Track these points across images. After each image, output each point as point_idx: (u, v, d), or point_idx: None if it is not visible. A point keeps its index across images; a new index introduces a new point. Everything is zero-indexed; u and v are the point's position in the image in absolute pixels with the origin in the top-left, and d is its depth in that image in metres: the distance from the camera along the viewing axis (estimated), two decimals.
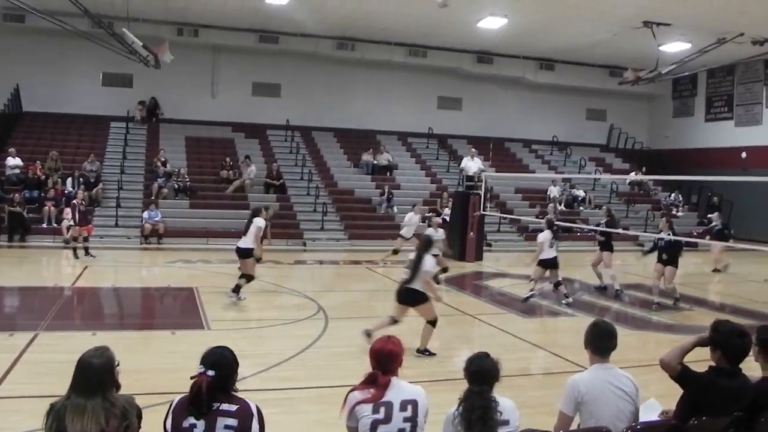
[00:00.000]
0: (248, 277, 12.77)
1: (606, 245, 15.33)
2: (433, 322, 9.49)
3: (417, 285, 9.34)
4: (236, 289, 12.53)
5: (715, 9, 20.10)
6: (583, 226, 21.46)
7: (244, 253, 12.88)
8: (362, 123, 29.80)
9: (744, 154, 28.33)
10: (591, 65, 30.65)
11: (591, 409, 4.42)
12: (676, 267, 13.75)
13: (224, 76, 28.65)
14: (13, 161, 22.22)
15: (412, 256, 9.75)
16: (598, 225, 15.95)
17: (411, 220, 18.40)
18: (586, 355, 4.71)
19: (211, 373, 3.71)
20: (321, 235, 22.47)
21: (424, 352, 9.33)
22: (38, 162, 22.37)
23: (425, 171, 28.43)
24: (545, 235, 13.68)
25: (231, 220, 21.94)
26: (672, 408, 4.65)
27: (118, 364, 3.75)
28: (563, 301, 13.56)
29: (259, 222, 12.98)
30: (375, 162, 27.33)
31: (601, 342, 4.64)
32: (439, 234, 15.18)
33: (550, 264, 13.62)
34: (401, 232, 18.56)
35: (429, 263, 9.46)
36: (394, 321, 9.43)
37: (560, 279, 13.75)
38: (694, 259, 17.28)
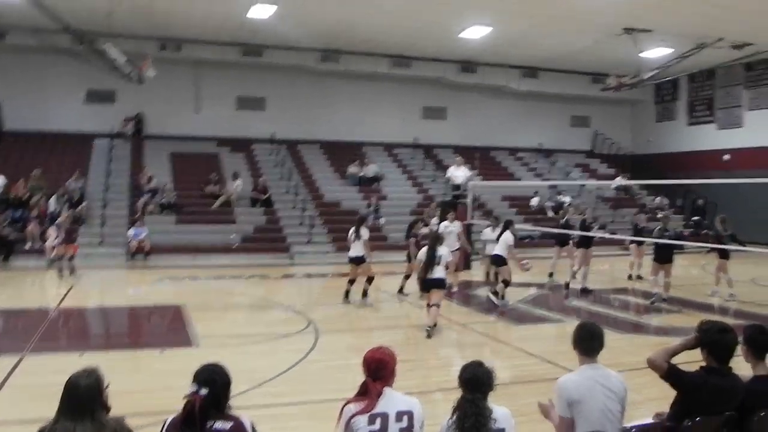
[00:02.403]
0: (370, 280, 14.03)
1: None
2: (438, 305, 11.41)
3: (438, 274, 11.30)
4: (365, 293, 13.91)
5: (695, 15, 20.29)
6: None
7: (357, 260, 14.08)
8: (348, 135, 29.80)
9: (726, 157, 28.57)
10: (574, 72, 30.84)
11: (580, 408, 4.42)
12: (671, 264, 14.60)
13: (208, 91, 28.58)
14: None
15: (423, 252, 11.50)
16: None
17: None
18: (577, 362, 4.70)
19: (203, 392, 3.65)
20: (308, 249, 22.38)
21: (433, 327, 11.17)
22: (21, 180, 22.19)
23: (412, 181, 28.42)
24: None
25: (218, 236, 21.91)
26: (666, 410, 4.66)
27: (107, 386, 3.68)
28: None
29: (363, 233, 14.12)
30: (361, 173, 27.30)
31: (588, 343, 4.65)
32: (454, 227, 15.42)
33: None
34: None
35: (444, 251, 11.46)
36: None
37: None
38: (681, 261, 17.36)
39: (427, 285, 11.59)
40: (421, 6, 20.90)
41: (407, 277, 15.04)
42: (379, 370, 4.29)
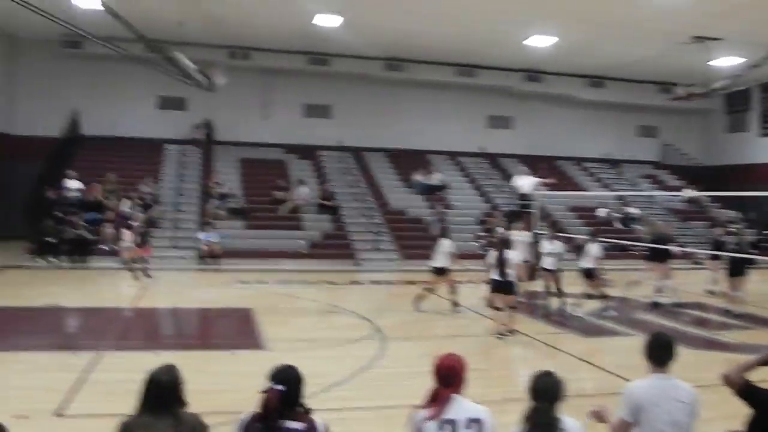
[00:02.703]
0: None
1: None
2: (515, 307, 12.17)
3: (506, 276, 11.86)
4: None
5: (766, 22, 19.78)
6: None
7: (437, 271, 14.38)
8: (413, 143, 29.89)
9: None
10: (641, 82, 30.44)
11: (645, 416, 4.43)
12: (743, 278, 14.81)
13: (276, 98, 29.03)
14: (72, 184, 22.82)
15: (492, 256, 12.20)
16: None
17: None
18: (646, 373, 4.69)
19: (280, 387, 3.78)
20: (375, 256, 22.54)
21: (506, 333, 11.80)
22: (97, 184, 22.93)
23: (477, 190, 28.37)
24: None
25: (286, 241, 22.25)
26: (738, 429, 4.59)
27: (183, 383, 3.84)
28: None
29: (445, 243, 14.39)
30: (427, 182, 27.38)
31: (659, 352, 4.64)
32: (522, 236, 15.50)
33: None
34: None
35: (512, 254, 12.19)
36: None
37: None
38: (754, 276, 16.93)
39: (495, 286, 12.15)
40: (486, 15, 20.91)
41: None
42: (449, 376, 4.29)
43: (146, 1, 19.92)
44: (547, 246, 15.15)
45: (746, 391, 4.44)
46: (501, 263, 12.03)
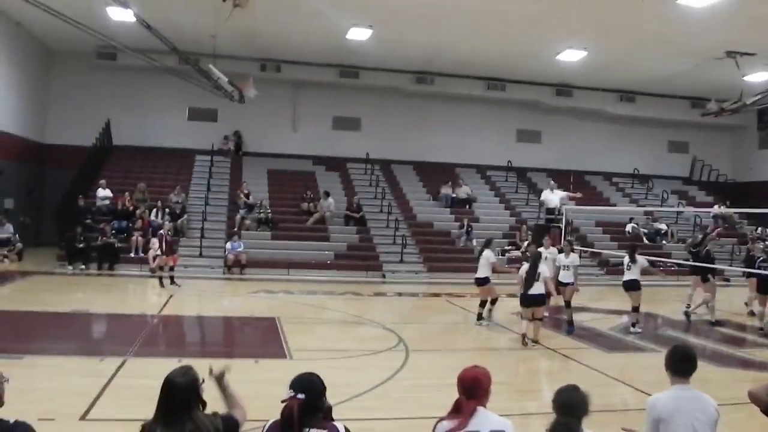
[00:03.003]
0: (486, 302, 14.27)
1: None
2: (541, 319, 12.61)
3: (538, 290, 12.33)
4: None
5: None
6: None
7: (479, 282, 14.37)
8: (441, 156, 29.90)
9: None
10: (672, 96, 30.21)
11: (666, 427, 4.42)
12: None
13: (305, 110, 29.24)
14: (103, 192, 23.12)
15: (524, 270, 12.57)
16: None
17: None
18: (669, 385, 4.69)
19: (301, 396, 3.78)
20: (400, 267, 22.55)
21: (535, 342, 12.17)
22: (127, 193, 23.20)
23: (504, 204, 28.29)
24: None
25: (312, 252, 22.38)
26: None
27: (203, 381, 3.85)
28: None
29: (487, 255, 14.34)
30: (454, 195, 27.35)
31: (680, 364, 4.65)
32: (549, 253, 15.35)
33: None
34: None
35: (544, 268, 12.61)
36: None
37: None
38: None
39: (528, 301, 12.42)
40: (516, 29, 20.92)
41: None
42: (473, 388, 4.25)
43: (179, 14, 20.19)
44: (563, 260, 15.00)
45: None
46: (532, 277, 12.36)
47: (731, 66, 22.16)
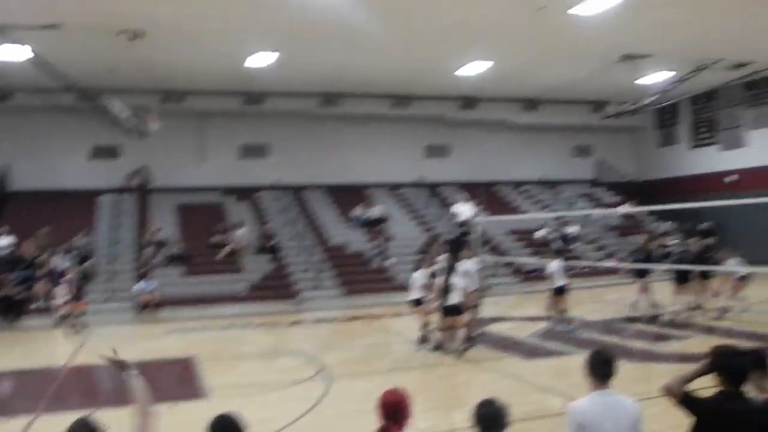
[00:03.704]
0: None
1: None
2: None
3: (454, 300, 12.63)
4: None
5: (693, 37, 20.30)
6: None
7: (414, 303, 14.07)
8: (353, 177, 29.81)
9: (731, 178, 28.40)
10: (574, 102, 30.90)
11: None
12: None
13: (212, 141, 28.73)
14: (4, 241, 22.14)
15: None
16: None
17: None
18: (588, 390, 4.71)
19: None
20: (317, 294, 22.30)
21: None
22: (29, 240, 22.26)
23: (417, 220, 28.39)
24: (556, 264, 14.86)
25: (226, 285, 21.92)
26: None
27: (108, 428, 3.65)
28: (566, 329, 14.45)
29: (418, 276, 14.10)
30: (366, 215, 27.31)
31: (600, 369, 4.68)
32: (470, 265, 14.70)
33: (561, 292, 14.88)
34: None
35: (457, 279, 12.82)
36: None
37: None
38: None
39: (445, 311, 12.71)
40: (419, 45, 21.02)
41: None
42: (395, 412, 4.28)
43: (75, 49, 19.49)
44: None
45: (687, 401, 4.45)
46: (447, 288, 12.70)
47: (628, 69, 22.82)
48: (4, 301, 19.70)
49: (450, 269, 12.99)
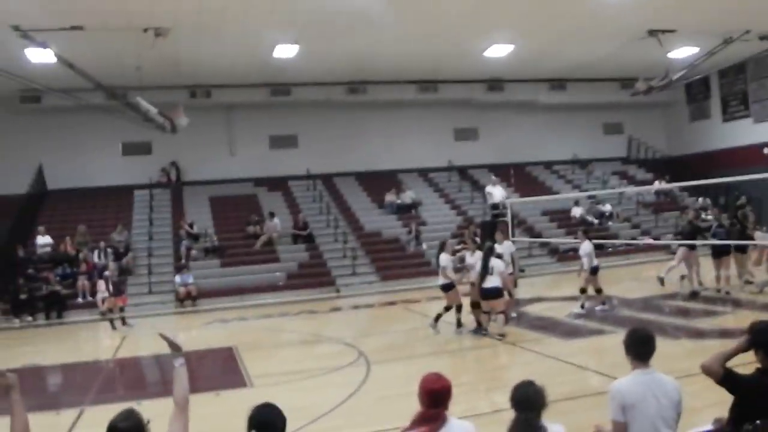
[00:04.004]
0: (452, 308, 13.57)
1: None
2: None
3: (493, 283, 12.47)
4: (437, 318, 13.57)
5: (718, 10, 20.07)
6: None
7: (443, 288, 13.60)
8: (382, 164, 29.89)
9: (766, 150, 28.00)
10: (602, 80, 30.61)
11: (633, 413, 4.43)
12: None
13: (241, 133, 28.95)
14: (43, 239, 22.57)
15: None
16: None
17: None
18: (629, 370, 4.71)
19: None
20: (353, 280, 22.47)
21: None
22: (68, 238, 22.68)
23: (449, 204, 28.41)
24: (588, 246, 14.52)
25: (263, 275, 22.18)
26: (725, 415, 4.59)
27: (148, 422, 3.73)
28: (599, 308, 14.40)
29: (442, 260, 13.57)
30: (399, 201, 27.37)
31: (640, 347, 4.67)
32: (503, 248, 14.68)
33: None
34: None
35: (497, 262, 12.71)
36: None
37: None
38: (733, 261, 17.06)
39: (483, 294, 12.64)
40: (441, 30, 20.97)
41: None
42: (436, 397, 4.26)
43: (101, 49, 19.77)
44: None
45: (727, 379, 4.46)
46: (485, 271, 12.55)
47: (655, 44, 22.56)
48: (50, 297, 20.12)
49: (487, 252, 12.85)
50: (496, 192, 23.15)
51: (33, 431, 8.50)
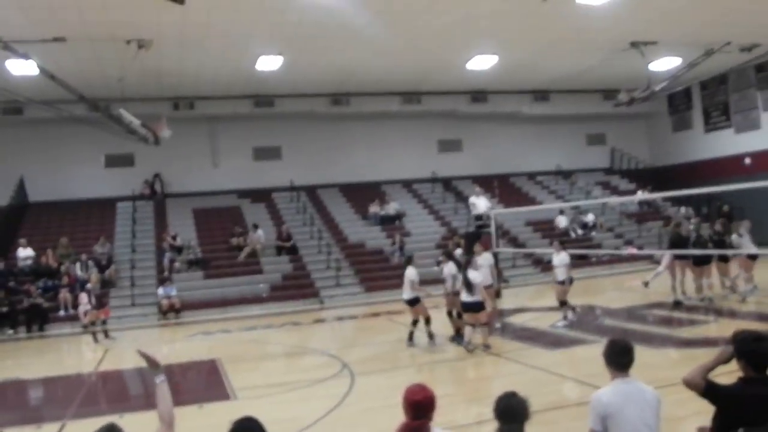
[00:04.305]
0: (418, 321, 13.57)
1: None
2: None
3: (474, 297, 12.32)
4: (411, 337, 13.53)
5: (700, 22, 20.27)
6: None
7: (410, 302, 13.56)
8: (366, 175, 29.90)
9: (747, 160, 28.27)
10: (585, 91, 30.80)
11: (614, 421, 4.49)
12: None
13: (225, 145, 28.88)
14: (24, 252, 22.38)
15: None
16: None
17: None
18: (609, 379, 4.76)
19: None
20: (337, 291, 22.42)
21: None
22: (49, 250, 22.51)
23: (433, 215, 28.43)
24: (565, 257, 14.40)
25: (247, 287, 22.09)
26: (708, 424, 4.60)
27: None
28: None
29: (409, 273, 13.51)
30: (383, 213, 27.38)
31: (619, 357, 4.74)
32: (484, 260, 14.53)
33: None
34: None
35: (475, 275, 12.46)
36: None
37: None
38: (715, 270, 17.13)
39: (466, 308, 12.52)
40: (425, 42, 21.05)
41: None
42: (420, 408, 4.28)
43: (84, 61, 19.73)
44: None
45: (710, 391, 4.48)
46: (466, 284, 12.41)
47: (637, 56, 22.73)
48: (31, 310, 19.93)
49: (465, 266, 12.80)
50: (480, 203, 23.17)
51: None
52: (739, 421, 4.30)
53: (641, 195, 28.32)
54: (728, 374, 4.54)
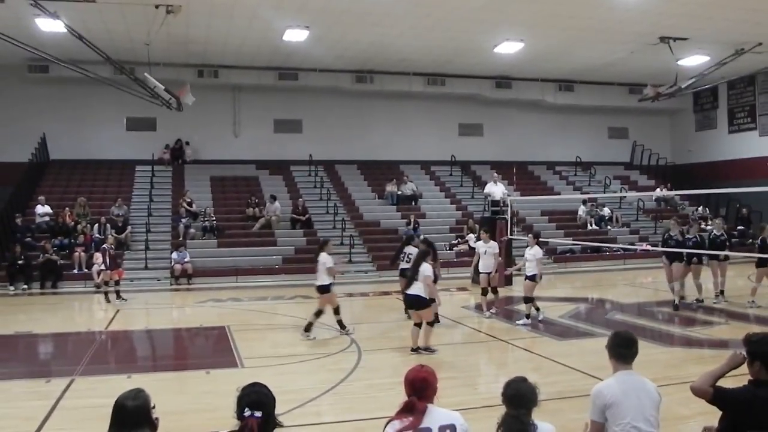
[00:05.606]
0: (323, 312, 12.98)
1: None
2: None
3: (415, 290, 10.89)
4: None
5: (732, 21, 20.07)
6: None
7: (321, 289, 13.09)
8: (384, 154, 29.90)
9: None
10: (610, 84, 30.61)
11: (615, 412, 4.49)
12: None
13: (246, 115, 28.93)
14: (42, 209, 22.58)
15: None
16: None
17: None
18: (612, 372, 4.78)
19: (258, 414, 3.70)
20: (349, 268, 22.44)
21: (425, 349, 10.86)
22: (67, 209, 22.68)
23: (450, 199, 28.41)
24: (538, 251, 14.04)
25: (259, 257, 22.20)
26: (714, 424, 4.59)
27: (154, 406, 3.77)
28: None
29: (324, 258, 13.22)
30: (399, 192, 27.37)
31: (621, 350, 4.77)
32: (489, 247, 14.85)
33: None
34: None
35: (425, 267, 10.94)
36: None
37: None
38: (728, 271, 16.98)
39: (406, 301, 11.57)
40: (453, 24, 20.97)
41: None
42: (423, 389, 4.27)
43: (111, 23, 19.80)
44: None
45: (717, 397, 4.43)
46: (411, 276, 11.13)
47: (665, 51, 22.53)
48: (46, 265, 20.15)
49: (419, 257, 11.41)
50: (497, 189, 23.09)
51: (22, 397, 8.58)
52: (749, 424, 4.25)
53: (659, 192, 28.18)
54: (735, 378, 4.52)
